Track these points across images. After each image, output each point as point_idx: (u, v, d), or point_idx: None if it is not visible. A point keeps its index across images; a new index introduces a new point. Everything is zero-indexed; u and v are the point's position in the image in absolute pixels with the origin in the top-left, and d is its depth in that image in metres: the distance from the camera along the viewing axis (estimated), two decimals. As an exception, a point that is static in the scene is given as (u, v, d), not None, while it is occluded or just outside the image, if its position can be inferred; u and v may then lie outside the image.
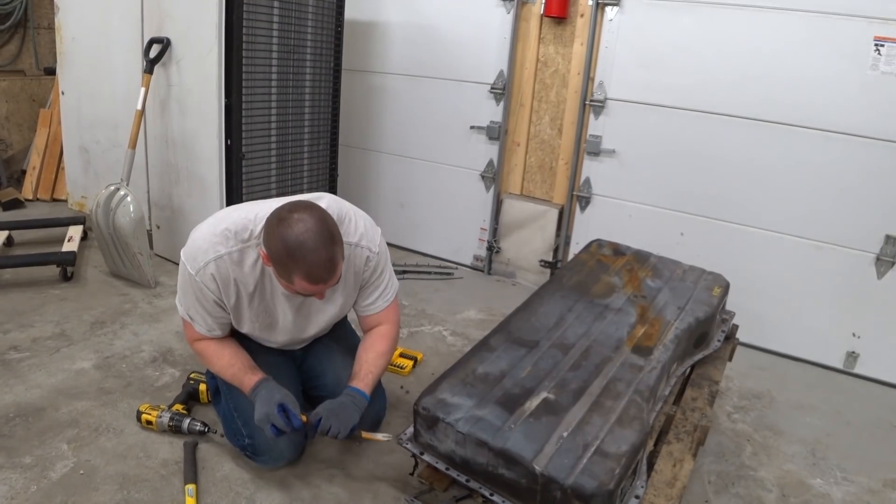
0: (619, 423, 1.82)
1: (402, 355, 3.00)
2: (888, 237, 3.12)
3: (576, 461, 1.66)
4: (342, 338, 2.47)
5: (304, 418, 2.03)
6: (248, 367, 2.13)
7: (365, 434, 2.10)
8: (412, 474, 2.02)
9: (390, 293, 2.29)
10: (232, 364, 2.13)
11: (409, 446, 1.93)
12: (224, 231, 2.00)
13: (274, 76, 3.54)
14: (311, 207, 1.87)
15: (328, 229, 1.84)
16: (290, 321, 2.19)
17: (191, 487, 2.05)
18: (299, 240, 1.79)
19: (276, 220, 1.84)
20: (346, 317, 2.47)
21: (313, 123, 3.88)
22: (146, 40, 3.52)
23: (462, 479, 1.82)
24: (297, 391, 2.24)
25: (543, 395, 1.91)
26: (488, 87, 4.00)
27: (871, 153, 3.07)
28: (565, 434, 1.75)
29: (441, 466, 1.86)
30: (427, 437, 1.87)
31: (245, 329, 2.17)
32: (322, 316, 2.24)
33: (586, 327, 2.30)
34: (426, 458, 1.89)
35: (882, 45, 2.96)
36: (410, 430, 1.96)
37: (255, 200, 2.18)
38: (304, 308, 2.18)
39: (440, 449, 1.85)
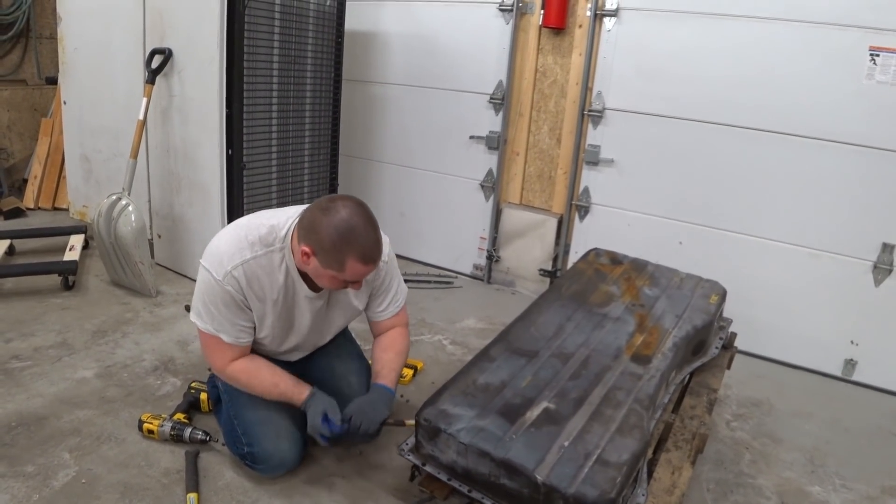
0: (620, 431, 1.83)
1: (402, 364, 3.00)
2: (885, 245, 3.14)
3: (577, 470, 1.67)
4: (343, 345, 2.51)
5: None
6: (293, 383, 2.16)
7: (391, 421, 2.19)
8: (412, 480, 2.03)
9: (400, 299, 2.38)
10: (276, 384, 2.14)
11: (410, 457, 1.94)
12: (247, 237, 2.05)
13: (275, 86, 3.56)
14: (348, 196, 1.97)
15: (370, 213, 1.96)
16: (306, 325, 2.23)
17: (192, 496, 2.05)
18: (350, 224, 1.88)
19: (321, 211, 1.92)
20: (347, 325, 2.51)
21: (314, 133, 3.90)
22: (148, 51, 3.55)
23: (464, 489, 1.83)
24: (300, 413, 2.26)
25: (544, 404, 1.92)
26: (488, 97, 4.02)
27: (868, 162, 3.09)
28: (566, 443, 1.77)
29: (443, 477, 1.87)
30: (429, 448, 1.88)
31: (263, 333, 2.18)
32: (338, 320, 2.31)
33: (585, 336, 2.31)
34: (428, 468, 1.89)
35: (877, 55, 2.99)
36: (412, 440, 1.97)
37: (261, 211, 2.21)
38: (322, 312, 2.23)
39: (442, 459, 1.86)
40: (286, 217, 2.09)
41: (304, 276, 2.11)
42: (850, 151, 3.12)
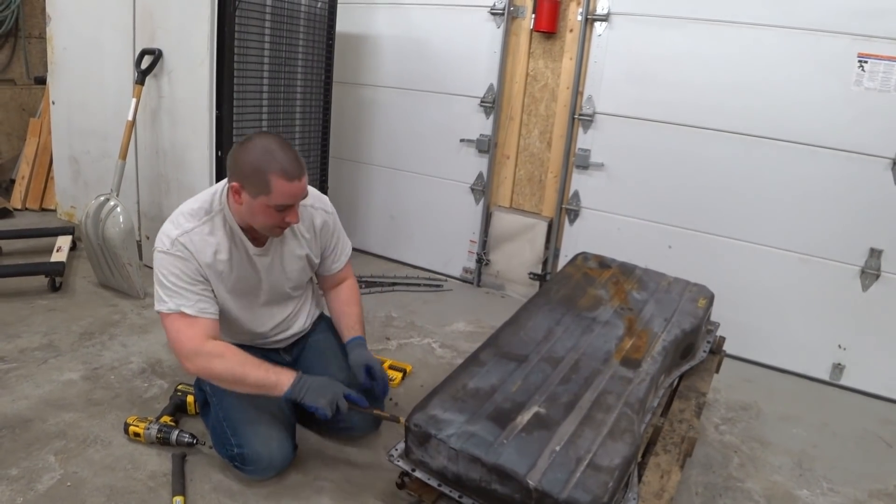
0: (611, 435, 1.83)
1: (391, 367, 3.00)
2: (872, 250, 3.16)
3: (569, 475, 1.67)
4: (330, 340, 2.54)
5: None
6: (278, 367, 2.14)
7: (386, 415, 2.24)
8: (400, 488, 2.02)
9: (347, 248, 2.52)
10: (259, 365, 2.08)
11: (400, 463, 1.93)
12: (183, 213, 2.14)
13: (265, 88, 3.55)
14: (264, 132, 2.06)
15: (283, 139, 2.07)
16: (270, 280, 2.28)
17: (179, 499, 2.04)
18: (265, 146, 2.00)
19: (238, 146, 2.05)
20: (330, 322, 2.57)
21: (304, 135, 3.89)
22: (138, 51, 3.53)
23: (455, 495, 1.82)
24: (290, 414, 2.30)
25: (535, 409, 1.92)
26: (478, 100, 4.03)
27: (856, 167, 3.11)
28: (558, 448, 1.76)
29: (434, 483, 1.86)
30: (419, 454, 1.87)
31: (230, 303, 2.21)
32: (293, 267, 2.34)
33: (575, 340, 2.31)
34: (418, 474, 1.88)
35: (866, 62, 3.01)
36: (401, 445, 1.95)
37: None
38: (275, 263, 2.28)
39: (432, 465, 1.85)
40: (215, 187, 2.21)
41: (248, 233, 2.18)
42: (839, 157, 3.14)
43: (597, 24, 3.60)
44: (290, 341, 2.50)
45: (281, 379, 2.08)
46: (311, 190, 2.30)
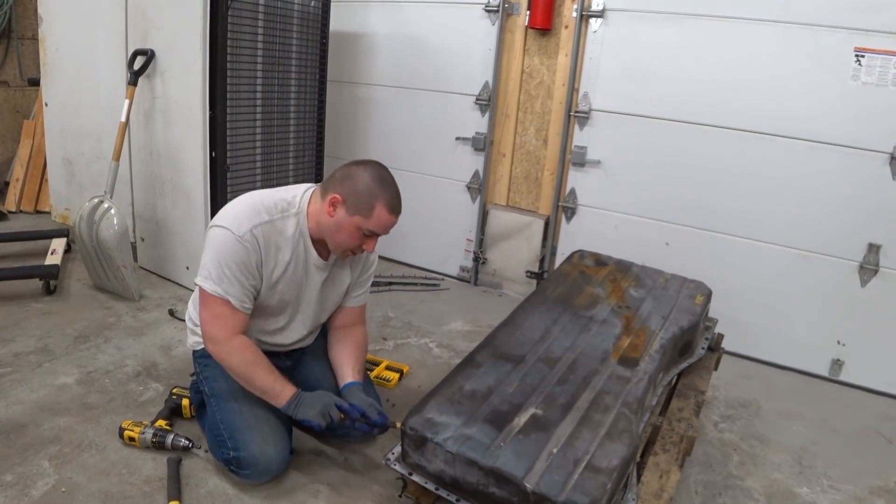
0: (609, 436, 1.81)
1: (387, 368, 2.99)
2: (871, 245, 3.15)
3: (567, 477, 1.65)
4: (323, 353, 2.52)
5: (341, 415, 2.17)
6: (285, 380, 2.19)
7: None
8: (400, 496, 2.00)
9: (368, 292, 2.53)
10: (269, 372, 2.15)
11: (396, 467, 1.91)
12: (262, 203, 2.14)
13: (259, 87, 3.53)
14: (379, 162, 2.19)
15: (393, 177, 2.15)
16: (314, 296, 2.31)
17: (174, 504, 2.03)
18: (382, 174, 2.10)
19: (354, 164, 2.13)
20: None
21: (299, 135, 3.87)
22: (130, 52, 3.50)
23: (452, 498, 1.81)
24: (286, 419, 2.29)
25: (532, 410, 1.90)
26: (474, 98, 4.01)
27: (853, 162, 3.10)
28: (555, 450, 1.74)
29: (430, 486, 1.84)
30: (415, 458, 1.85)
31: (272, 301, 2.23)
32: (336, 292, 2.39)
33: (572, 340, 2.29)
34: (415, 478, 1.87)
35: (862, 56, 2.99)
36: (398, 449, 1.94)
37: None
38: (325, 284, 2.31)
39: (429, 469, 1.83)
40: (296, 189, 2.22)
41: (315, 244, 2.21)
42: (837, 152, 3.13)
43: (592, 20, 3.58)
44: (293, 348, 2.49)
45: (283, 393, 2.15)
46: None
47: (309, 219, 2.17)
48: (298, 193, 2.20)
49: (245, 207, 2.13)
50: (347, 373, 2.33)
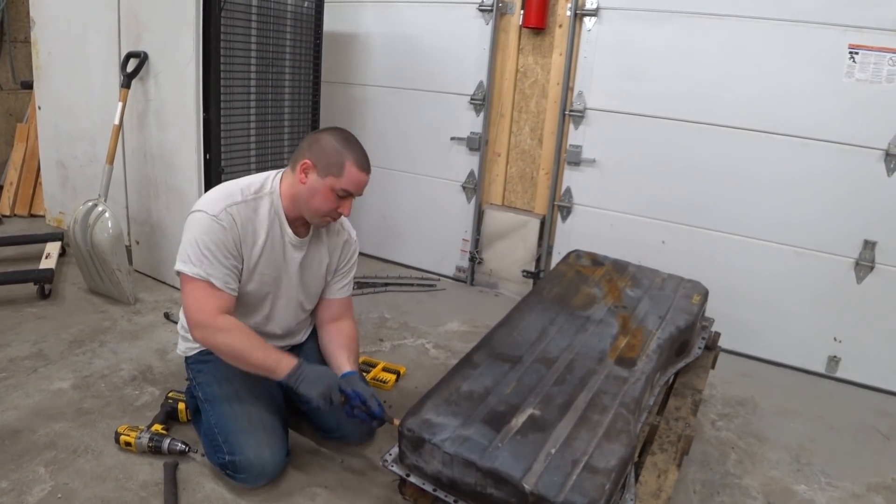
0: (607, 437, 1.81)
1: (384, 369, 2.98)
2: (866, 242, 3.15)
3: (565, 478, 1.65)
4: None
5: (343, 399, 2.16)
6: (280, 351, 2.19)
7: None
8: (401, 493, 2.00)
9: (351, 285, 2.56)
10: (262, 347, 2.14)
11: (394, 468, 1.90)
12: (236, 185, 2.20)
13: (253, 89, 3.52)
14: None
15: None
16: (294, 278, 2.32)
17: (171, 509, 2.02)
18: (345, 135, 2.16)
19: (320, 131, 2.20)
20: None
21: (293, 136, 3.86)
22: (123, 54, 3.49)
23: (450, 499, 1.80)
24: (280, 405, 2.31)
25: (529, 411, 1.90)
26: (468, 97, 4.00)
27: (849, 159, 3.10)
28: (553, 451, 1.74)
29: (428, 488, 1.84)
30: (413, 459, 1.85)
31: (252, 285, 2.23)
32: (316, 273, 2.39)
33: (569, 340, 2.29)
34: (413, 479, 1.86)
35: (856, 53, 2.99)
36: (395, 450, 1.93)
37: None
38: (303, 266, 2.32)
39: (427, 470, 1.82)
40: (268, 174, 2.27)
41: (291, 225, 2.24)
42: (831, 149, 3.13)
43: (586, 19, 3.58)
44: (284, 344, 2.48)
45: (281, 364, 2.12)
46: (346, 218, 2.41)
47: (283, 198, 2.21)
48: (270, 176, 2.25)
49: (218, 191, 2.18)
50: (343, 363, 2.33)
